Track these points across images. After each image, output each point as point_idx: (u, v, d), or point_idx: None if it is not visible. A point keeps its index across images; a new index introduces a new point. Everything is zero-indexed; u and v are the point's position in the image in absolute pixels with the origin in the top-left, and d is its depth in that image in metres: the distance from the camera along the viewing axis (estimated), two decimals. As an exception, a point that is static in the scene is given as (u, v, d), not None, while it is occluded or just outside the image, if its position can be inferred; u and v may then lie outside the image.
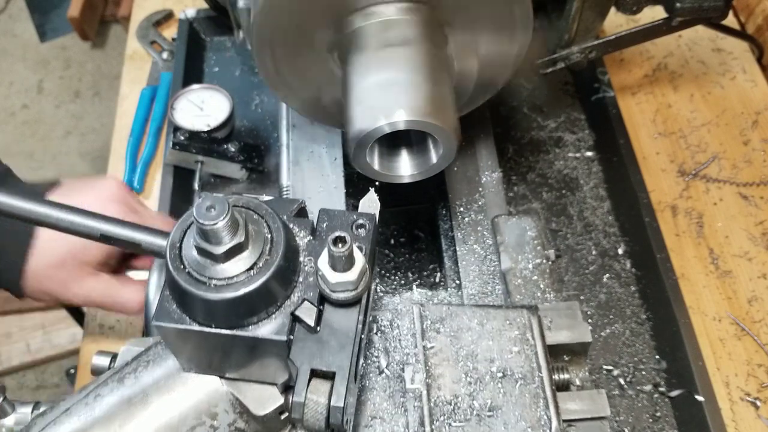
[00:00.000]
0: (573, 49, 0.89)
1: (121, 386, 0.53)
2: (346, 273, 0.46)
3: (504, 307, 0.68)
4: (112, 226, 0.48)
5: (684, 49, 1.16)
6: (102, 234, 0.48)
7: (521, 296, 0.76)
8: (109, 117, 1.33)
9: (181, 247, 0.46)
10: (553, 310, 0.71)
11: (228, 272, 0.45)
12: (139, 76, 1.19)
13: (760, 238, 0.95)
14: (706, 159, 1.03)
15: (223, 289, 0.44)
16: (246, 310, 0.46)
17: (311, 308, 0.47)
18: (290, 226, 0.50)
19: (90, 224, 0.48)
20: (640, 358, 0.87)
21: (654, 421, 0.83)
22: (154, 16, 1.25)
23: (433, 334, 0.65)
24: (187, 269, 0.45)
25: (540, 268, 0.78)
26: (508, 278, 0.78)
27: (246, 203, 0.48)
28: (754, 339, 0.88)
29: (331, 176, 0.90)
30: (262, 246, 0.46)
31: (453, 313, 0.66)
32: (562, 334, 0.69)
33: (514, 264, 0.79)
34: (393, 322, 0.66)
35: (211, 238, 0.43)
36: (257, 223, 0.47)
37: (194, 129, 1.01)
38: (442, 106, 0.66)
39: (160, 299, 0.47)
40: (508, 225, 0.82)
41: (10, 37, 3.09)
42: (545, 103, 1.11)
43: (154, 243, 0.48)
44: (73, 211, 0.48)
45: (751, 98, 1.09)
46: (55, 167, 2.62)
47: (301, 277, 0.48)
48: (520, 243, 0.80)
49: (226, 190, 1.03)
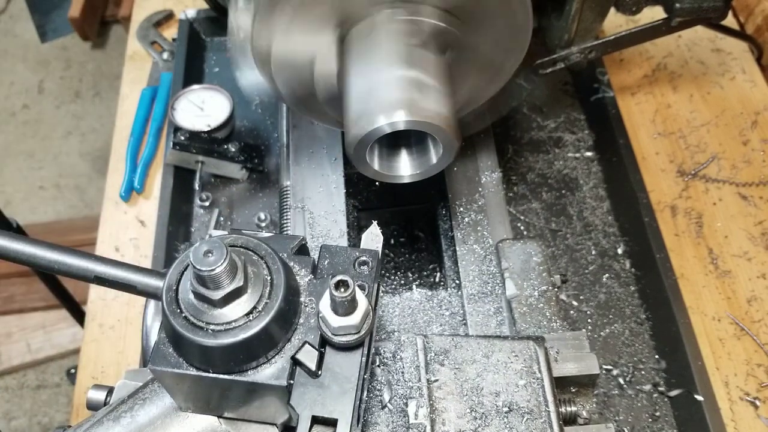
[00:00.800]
0: (573, 50, 0.89)
1: (116, 425, 0.51)
2: (348, 317, 0.44)
3: (510, 339, 0.66)
4: (107, 268, 0.47)
5: (683, 49, 1.16)
6: (96, 276, 0.47)
7: (527, 325, 0.75)
8: (110, 117, 1.33)
9: (177, 290, 0.45)
10: (559, 340, 0.70)
11: (226, 317, 0.43)
12: (140, 77, 1.19)
13: (760, 238, 0.95)
14: (706, 159, 1.03)
15: (221, 335, 0.43)
16: (245, 356, 0.44)
17: (312, 352, 0.46)
18: (290, 264, 0.48)
19: (84, 266, 0.47)
20: (639, 357, 0.87)
21: (653, 421, 0.83)
22: (155, 17, 1.25)
23: (437, 367, 0.63)
24: (184, 314, 0.44)
25: (546, 296, 0.76)
26: (514, 306, 0.76)
27: (245, 243, 0.47)
28: (754, 339, 0.88)
29: (331, 176, 0.90)
30: (261, 289, 0.44)
31: (457, 345, 0.64)
32: (569, 366, 0.68)
33: (520, 291, 0.77)
34: (396, 354, 0.64)
35: (208, 283, 0.42)
36: (256, 264, 0.46)
37: (194, 129, 1.01)
38: (442, 107, 0.66)
39: (157, 342, 0.46)
40: (513, 250, 0.80)
41: (11, 38, 3.09)
42: (545, 104, 1.11)
43: (149, 285, 0.47)
44: (67, 252, 0.47)
45: (751, 98, 1.09)
46: (56, 167, 2.62)
47: (302, 318, 0.47)
48: (525, 269, 0.78)
49: (227, 190, 1.03)
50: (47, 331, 2.13)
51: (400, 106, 0.64)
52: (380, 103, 0.65)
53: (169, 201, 0.98)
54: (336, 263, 0.50)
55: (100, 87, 2.90)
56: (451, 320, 0.79)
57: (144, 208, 1.04)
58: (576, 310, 0.91)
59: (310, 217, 0.86)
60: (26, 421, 2.09)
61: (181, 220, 0.99)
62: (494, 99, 0.83)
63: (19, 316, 2.15)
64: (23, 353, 2.08)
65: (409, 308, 0.80)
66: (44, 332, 2.13)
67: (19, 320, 2.15)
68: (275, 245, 0.48)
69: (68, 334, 2.12)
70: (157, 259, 0.92)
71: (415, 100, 0.65)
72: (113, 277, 0.47)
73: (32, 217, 2.47)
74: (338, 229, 0.85)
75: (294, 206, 0.87)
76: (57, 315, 2.12)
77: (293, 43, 0.72)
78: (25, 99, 2.89)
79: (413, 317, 0.80)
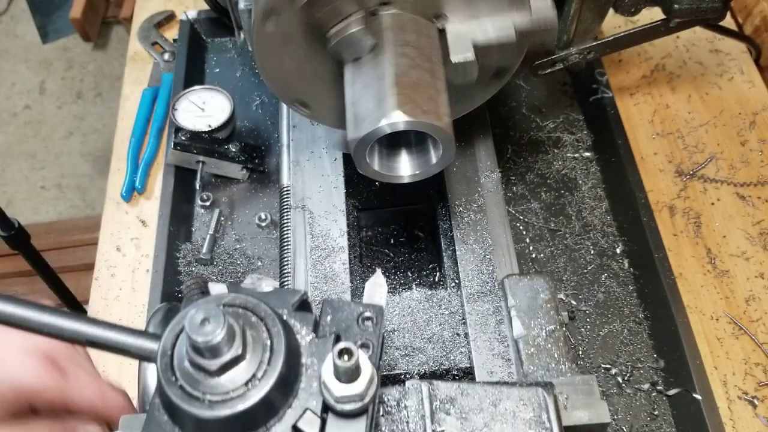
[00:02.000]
0: (571, 50, 0.89)
1: None
2: (352, 384, 0.42)
3: (518, 386, 0.64)
4: (100, 330, 0.44)
5: (682, 50, 1.16)
6: (88, 340, 0.44)
7: (534, 367, 0.73)
8: (111, 118, 1.34)
9: (173, 356, 0.42)
10: (569, 385, 0.68)
11: (224, 386, 0.41)
12: (141, 77, 1.19)
13: (758, 237, 0.96)
14: (704, 159, 1.04)
15: (219, 406, 0.41)
16: (244, 426, 0.42)
17: (314, 419, 0.43)
18: (291, 322, 0.46)
19: (76, 328, 0.44)
20: (638, 357, 0.88)
21: (652, 420, 0.84)
22: (156, 17, 1.26)
23: (442, 416, 0.61)
24: (180, 382, 0.41)
25: (554, 336, 0.75)
26: (521, 346, 0.74)
27: (243, 303, 0.44)
28: (752, 338, 0.88)
29: (331, 176, 0.90)
30: (261, 354, 0.42)
31: (464, 392, 0.62)
32: (579, 414, 0.66)
33: (527, 330, 0.75)
34: (400, 402, 0.61)
35: (205, 352, 0.40)
36: (255, 327, 0.43)
37: (195, 129, 1.01)
38: (441, 107, 0.67)
39: (151, 406, 0.43)
40: (520, 286, 0.78)
41: (12, 38, 3.10)
42: (544, 104, 1.11)
43: (144, 348, 0.44)
44: (57, 314, 0.44)
45: (749, 99, 1.10)
46: (57, 168, 2.63)
47: (303, 383, 0.44)
48: (532, 307, 0.76)
49: (228, 190, 1.04)
50: (48, 330, 2.13)
51: (400, 107, 0.64)
52: (380, 104, 0.65)
53: (170, 201, 0.98)
54: (339, 320, 0.48)
55: (102, 87, 2.91)
56: (450, 319, 0.80)
57: (145, 208, 1.04)
58: (575, 309, 0.91)
59: (310, 217, 0.87)
60: (27, 420, 2.09)
61: (182, 220, 1.00)
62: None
63: (21, 316, 2.16)
64: (25, 353, 2.08)
65: (408, 307, 0.81)
66: (45, 332, 2.13)
67: (20, 320, 2.15)
68: (275, 301, 0.46)
69: (69, 333, 2.12)
70: (158, 258, 0.93)
71: (415, 101, 0.65)
72: (106, 341, 0.44)
73: (34, 217, 2.48)
74: (338, 228, 0.85)
75: (294, 206, 0.88)
76: (58, 315, 2.12)
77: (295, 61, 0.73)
78: (27, 99, 2.90)
79: (413, 316, 0.80)
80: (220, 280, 0.95)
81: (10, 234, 1.35)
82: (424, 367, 0.77)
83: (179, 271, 0.96)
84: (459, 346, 0.78)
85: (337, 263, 0.83)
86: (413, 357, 0.77)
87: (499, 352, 0.76)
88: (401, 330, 0.79)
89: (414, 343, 0.78)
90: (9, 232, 1.35)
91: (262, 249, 0.98)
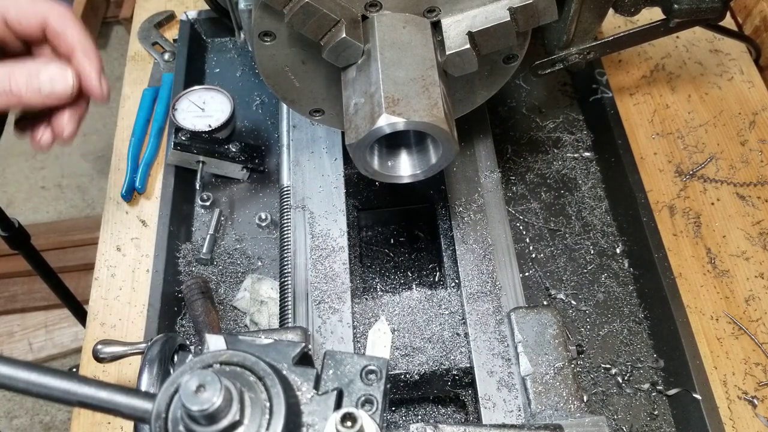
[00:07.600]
0: (571, 51, 0.89)
1: None
2: None
3: (526, 428, 0.62)
4: (91, 390, 0.43)
5: (682, 50, 1.16)
6: (79, 400, 0.42)
7: (542, 406, 0.71)
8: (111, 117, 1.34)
9: (167, 419, 0.40)
10: (578, 426, 0.66)
11: None
12: (141, 77, 1.20)
13: (757, 237, 0.96)
14: (704, 159, 1.04)
15: None
16: None
17: None
18: (292, 378, 0.44)
19: (66, 388, 0.42)
20: (637, 356, 0.88)
21: (652, 420, 0.84)
22: (156, 18, 1.26)
23: None
24: None
25: (562, 373, 0.73)
26: (528, 385, 0.73)
27: (241, 361, 0.42)
28: (752, 338, 0.88)
29: (331, 176, 0.90)
30: (259, 419, 0.40)
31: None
32: None
33: (535, 367, 0.73)
34: None
35: (200, 420, 0.38)
36: (253, 387, 0.41)
37: (195, 129, 1.01)
38: (439, 105, 0.67)
39: None
40: (527, 320, 0.76)
41: (12, 38, 3.10)
42: (544, 104, 1.11)
43: (137, 408, 0.42)
44: (48, 373, 0.43)
45: (749, 99, 1.10)
46: (58, 167, 2.63)
47: None
48: (540, 342, 0.74)
49: (228, 190, 1.04)
50: (49, 330, 2.14)
51: (396, 108, 0.64)
52: (380, 104, 0.65)
53: (171, 201, 0.98)
54: (342, 374, 0.46)
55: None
56: (450, 319, 0.80)
57: (145, 208, 1.05)
58: (575, 309, 0.92)
59: (310, 217, 0.87)
60: (27, 420, 2.10)
61: (182, 220, 1.00)
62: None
63: (21, 316, 2.16)
64: (25, 352, 2.09)
65: (408, 307, 0.81)
66: (46, 331, 2.14)
67: (21, 319, 2.16)
68: (274, 355, 0.44)
69: (70, 333, 2.12)
70: (158, 258, 0.93)
71: (415, 101, 0.65)
72: (98, 401, 0.42)
73: (34, 216, 2.48)
74: (338, 228, 0.86)
75: (294, 206, 0.88)
76: (59, 314, 2.13)
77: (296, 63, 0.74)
78: (27, 99, 2.89)
79: (413, 316, 0.80)
80: (220, 280, 0.96)
81: (10, 234, 1.35)
82: (424, 366, 0.77)
83: (179, 270, 0.96)
84: (459, 345, 0.78)
85: (337, 263, 0.83)
86: (413, 357, 0.77)
87: (499, 352, 0.76)
88: (401, 330, 0.79)
89: (414, 342, 0.78)
90: (9, 232, 1.35)
91: (262, 249, 0.99)
